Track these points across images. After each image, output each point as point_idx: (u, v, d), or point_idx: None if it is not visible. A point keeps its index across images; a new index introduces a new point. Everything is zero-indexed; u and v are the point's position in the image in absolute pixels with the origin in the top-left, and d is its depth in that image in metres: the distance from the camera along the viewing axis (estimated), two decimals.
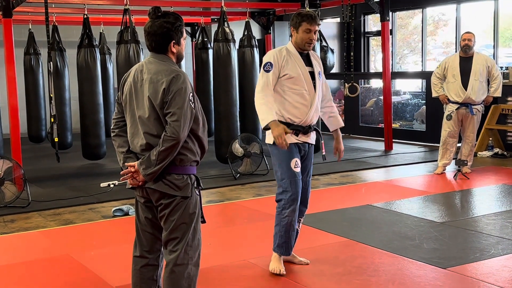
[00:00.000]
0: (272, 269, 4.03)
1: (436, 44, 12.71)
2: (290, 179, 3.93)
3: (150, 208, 3.02)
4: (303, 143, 4.02)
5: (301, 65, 3.97)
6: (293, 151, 3.95)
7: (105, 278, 4.04)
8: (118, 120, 3.06)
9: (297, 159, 3.96)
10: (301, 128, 3.97)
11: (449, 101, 7.30)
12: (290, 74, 3.91)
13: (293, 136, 3.94)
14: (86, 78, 8.39)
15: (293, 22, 3.98)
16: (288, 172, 3.93)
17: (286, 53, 3.97)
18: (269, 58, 3.95)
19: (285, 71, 3.92)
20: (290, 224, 3.98)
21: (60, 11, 9.77)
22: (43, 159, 9.19)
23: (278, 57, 3.93)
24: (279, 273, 3.99)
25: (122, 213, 5.75)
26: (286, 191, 3.95)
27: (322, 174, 7.62)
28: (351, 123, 11.34)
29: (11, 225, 5.53)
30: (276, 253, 4.05)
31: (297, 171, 3.95)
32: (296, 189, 3.95)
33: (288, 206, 3.95)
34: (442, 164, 7.51)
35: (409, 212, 5.63)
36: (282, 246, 4.03)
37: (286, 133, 3.81)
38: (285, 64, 3.92)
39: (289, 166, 3.93)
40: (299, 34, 3.96)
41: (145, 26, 2.94)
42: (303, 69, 3.96)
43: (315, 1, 9.40)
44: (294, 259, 4.23)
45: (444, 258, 4.28)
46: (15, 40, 6.89)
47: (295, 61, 3.96)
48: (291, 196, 3.94)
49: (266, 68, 3.91)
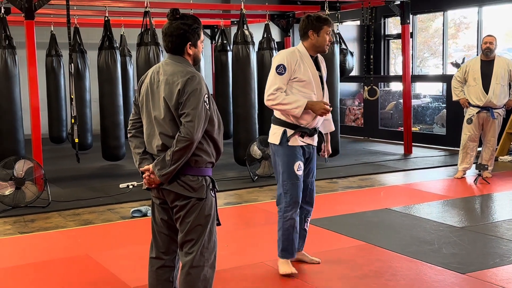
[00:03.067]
0: (283, 271, 4.04)
1: (457, 47, 12.59)
2: (292, 181, 3.96)
3: (166, 209, 3.03)
4: (308, 145, 4.05)
5: (312, 69, 3.99)
6: (297, 154, 3.98)
7: (123, 278, 4.07)
8: (134, 121, 3.08)
9: (301, 162, 4.00)
10: (308, 130, 3.99)
11: (470, 104, 7.23)
12: (301, 78, 3.93)
13: (299, 138, 3.98)
14: (107, 80, 8.45)
15: (313, 25, 3.97)
16: (290, 175, 3.96)
17: (298, 56, 3.97)
18: (282, 60, 3.94)
19: (296, 74, 3.93)
20: (292, 227, 4.01)
21: (82, 13, 9.86)
22: (64, 159, 9.28)
23: (291, 60, 3.93)
24: (291, 274, 4.00)
25: (141, 214, 5.78)
26: (287, 193, 3.98)
27: (341, 177, 7.59)
28: (370, 126, 11.28)
29: (31, 224, 5.59)
30: (282, 258, 4.07)
31: (299, 174, 3.98)
32: (297, 192, 3.98)
33: (290, 209, 3.98)
34: (462, 168, 7.43)
35: (428, 216, 5.58)
36: (286, 250, 4.05)
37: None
38: (297, 68, 3.93)
39: (292, 169, 3.96)
40: (321, 38, 3.98)
41: (163, 27, 2.97)
42: (314, 73, 3.99)
43: (335, 4, 9.37)
44: (305, 258, 4.28)
45: (464, 263, 4.24)
46: (37, 42, 6.96)
47: (307, 64, 3.98)
48: (292, 198, 3.97)
49: (279, 70, 3.92)
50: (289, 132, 3.97)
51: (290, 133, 3.96)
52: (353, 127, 11.92)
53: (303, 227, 4.20)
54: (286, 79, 3.92)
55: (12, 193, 6.02)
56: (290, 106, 3.87)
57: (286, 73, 3.91)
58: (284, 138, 3.96)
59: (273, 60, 4.01)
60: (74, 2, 8.27)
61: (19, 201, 6.05)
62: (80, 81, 9.53)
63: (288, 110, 3.89)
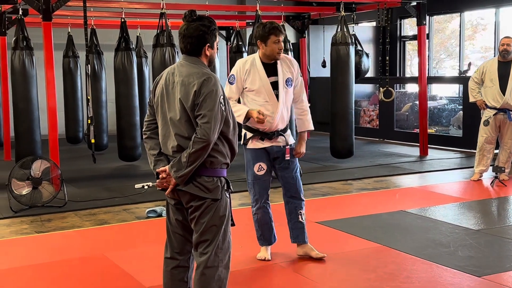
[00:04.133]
0: (258, 256, 4.42)
1: (474, 48, 12.49)
2: (254, 181, 4.30)
3: (180, 210, 3.05)
4: (270, 146, 4.24)
5: (263, 77, 4.16)
6: (258, 156, 4.25)
7: (138, 278, 4.10)
8: (150, 123, 3.10)
9: (261, 163, 4.26)
10: (266, 134, 4.21)
11: (487, 106, 7.18)
12: (250, 87, 4.17)
13: (259, 142, 4.22)
14: (123, 81, 8.51)
15: (260, 35, 4.14)
16: (252, 175, 4.28)
17: (249, 65, 4.18)
18: (234, 70, 4.25)
19: (245, 84, 4.17)
20: (260, 219, 4.36)
21: (99, 14, 9.94)
22: (80, 160, 9.36)
23: (241, 70, 4.18)
24: (264, 259, 4.38)
25: (156, 214, 5.81)
26: (250, 190, 4.35)
27: (355, 179, 7.57)
28: (386, 128, 11.23)
29: (48, 224, 5.65)
30: (261, 245, 4.45)
31: (260, 174, 4.26)
32: (259, 190, 4.30)
33: (254, 204, 4.35)
34: (478, 170, 7.38)
35: (444, 218, 5.54)
36: (260, 239, 4.44)
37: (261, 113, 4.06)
38: (247, 77, 4.17)
39: (253, 169, 4.26)
40: (269, 47, 4.12)
41: (180, 28, 2.98)
42: (265, 81, 4.16)
43: (350, 5, 9.35)
44: (311, 252, 4.42)
45: (480, 266, 4.21)
46: (55, 43, 7.03)
47: (258, 73, 4.16)
48: (254, 196, 4.33)
49: (230, 80, 4.23)
50: (248, 135, 4.24)
51: (249, 136, 4.23)
52: (368, 129, 11.88)
53: (298, 219, 4.40)
54: (237, 88, 4.20)
55: (29, 192, 6.08)
56: (235, 114, 4.03)
57: (236, 83, 4.19)
58: (244, 140, 4.24)
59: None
60: (91, 4, 8.34)
61: (36, 200, 6.11)
62: (96, 82, 9.60)
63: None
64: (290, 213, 4.40)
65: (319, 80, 12.47)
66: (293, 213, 4.39)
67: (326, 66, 11.00)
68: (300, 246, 4.45)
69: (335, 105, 8.50)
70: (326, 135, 10.31)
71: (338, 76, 8.44)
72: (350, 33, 8.47)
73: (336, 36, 8.40)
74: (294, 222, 4.40)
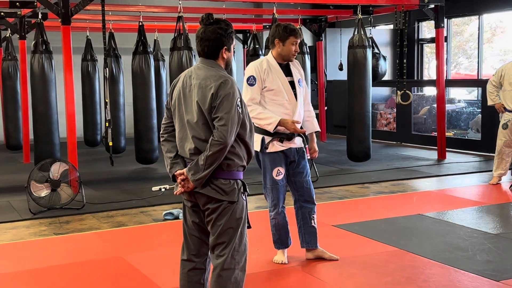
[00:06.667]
0: (275, 260, 4.42)
1: (493, 51, 12.38)
2: (272, 186, 4.27)
3: (197, 212, 3.06)
4: (290, 148, 4.23)
5: (281, 76, 4.18)
6: (276, 160, 4.23)
7: (155, 280, 4.12)
8: (167, 125, 3.12)
9: (280, 167, 4.24)
10: (285, 135, 4.18)
11: (505, 109, 7.11)
12: (270, 87, 4.15)
13: (278, 144, 4.19)
14: (140, 84, 8.56)
15: (279, 34, 4.17)
16: (271, 180, 4.26)
17: (266, 65, 4.17)
18: (251, 71, 4.17)
19: (265, 83, 4.14)
20: (277, 224, 4.35)
21: (117, 18, 10.04)
22: (98, 162, 9.43)
23: (260, 70, 4.15)
24: (282, 262, 4.39)
25: (173, 216, 5.84)
26: (268, 196, 4.32)
27: (372, 182, 7.53)
28: (403, 131, 11.16)
29: (66, 226, 5.70)
30: (277, 249, 4.45)
31: (278, 179, 4.25)
32: (277, 195, 4.28)
33: (272, 209, 4.33)
34: (497, 174, 7.31)
35: (462, 222, 5.50)
36: (277, 242, 4.43)
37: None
38: (266, 77, 4.15)
39: (272, 174, 4.25)
40: (286, 47, 4.16)
41: (197, 32, 3.00)
42: (283, 80, 4.17)
43: (368, 8, 9.32)
44: (324, 255, 4.45)
45: (498, 270, 4.16)
46: (73, 46, 7.09)
47: (275, 73, 4.17)
48: (273, 201, 4.30)
49: (249, 82, 4.16)
50: (267, 139, 4.20)
51: (268, 140, 4.19)
52: (385, 132, 11.82)
53: (310, 224, 4.40)
54: (258, 89, 4.15)
55: (48, 195, 6.14)
56: (263, 122, 4.13)
57: (257, 84, 4.14)
58: (263, 145, 4.20)
59: (245, 72, 4.23)
60: (109, 8, 8.42)
61: (54, 202, 6.17)
62: (114, 85, 9.67)
63: (261, 125, 4.14)
64: (303, 218, 4.38)
65: (336, 83, 12.44)
66: (306, 218, 4.38)
67: (343, 69, 10.98)
68: (310, 251, 4.44)
69: (352, 108, 8.48)
70: (343, 138, 10.29)
71: (355, 79, 8.42)
72: (367, 36, 8.44)
73: (353, 39, 8.38)
74: (307, 227, 4.38)
